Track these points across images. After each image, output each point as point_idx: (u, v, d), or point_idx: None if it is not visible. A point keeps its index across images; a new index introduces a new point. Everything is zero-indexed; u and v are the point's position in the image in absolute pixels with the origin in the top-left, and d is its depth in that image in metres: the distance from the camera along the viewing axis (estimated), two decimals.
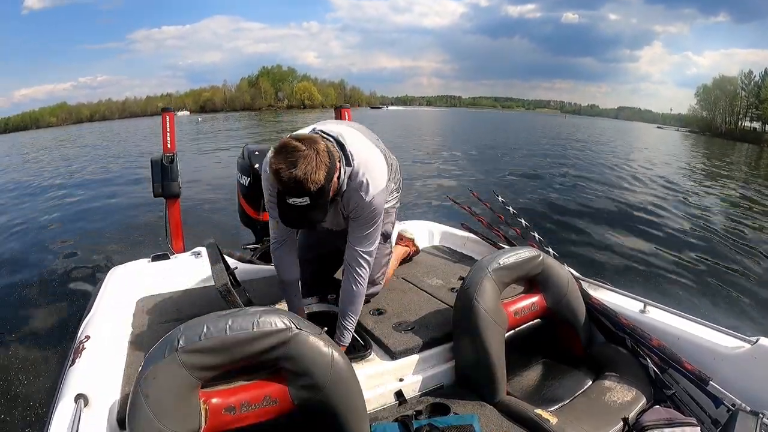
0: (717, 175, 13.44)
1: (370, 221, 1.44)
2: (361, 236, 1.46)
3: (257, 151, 2.52)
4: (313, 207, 1.21)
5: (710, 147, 30.65)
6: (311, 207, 1.21)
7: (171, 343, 0.89)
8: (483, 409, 1.30)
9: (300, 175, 1.15)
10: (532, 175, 10.12)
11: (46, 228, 5.81)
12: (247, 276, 1.93)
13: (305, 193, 1.18)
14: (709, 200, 8.63)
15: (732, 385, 1.26)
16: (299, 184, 1.16)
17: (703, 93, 65.22)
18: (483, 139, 20.70)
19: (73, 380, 1.14)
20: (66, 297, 3.55)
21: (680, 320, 1.49)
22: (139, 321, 1.59)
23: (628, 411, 1.27)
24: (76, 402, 1.02)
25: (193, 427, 0.89)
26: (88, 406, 1.04)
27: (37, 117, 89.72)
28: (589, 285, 1.73)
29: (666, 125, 75.81)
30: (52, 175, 11.05)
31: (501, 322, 1.39)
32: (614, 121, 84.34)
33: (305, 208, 1.20)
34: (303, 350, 0.97)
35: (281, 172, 1.16)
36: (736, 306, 3.68)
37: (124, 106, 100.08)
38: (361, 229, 1.45)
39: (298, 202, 1.19)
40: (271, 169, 1.19)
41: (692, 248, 5.19)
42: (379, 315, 1.64)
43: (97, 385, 1.13)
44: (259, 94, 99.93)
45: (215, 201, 6.64)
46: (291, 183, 1.16)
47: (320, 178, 1.18)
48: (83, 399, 1.03)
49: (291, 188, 1.17)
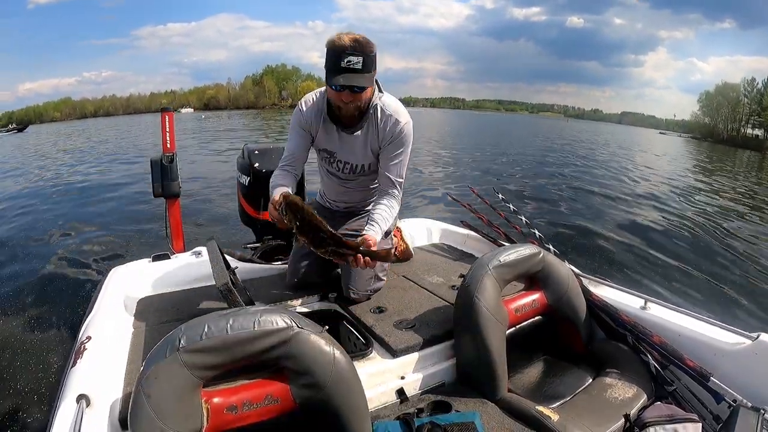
0: (717, 175, 13.43)
1: (403, 144, 1.64)
2: (395, 162, 1.65)
3: (257, 150, 2.52)
4: (363, 71, 1.41)
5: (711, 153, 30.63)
6: (361, 71, 1.41)
7: (172, 343, 0.89)
8: (484, 406, 1.30)
9: (360, 37, 1.41)
10: (532, 175, 10.12)
11: (45, 228, 5.80)
12: (247, 275, 1.93)
13: (361, 53, 1.39)
14: (710, 199, 8.63)
15: (733, 381, 1.26)
16: (358, 42, 1.40)
17: (705, 99, 65.36)
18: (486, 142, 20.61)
19: (75, 381, 1.14)
20: (67, 297, 3.54)
21: (681, 317, 1.49)
22: (140, 321, 1.59)
23: (630, 407, 1.28)
24: (77, 402, 1.02)
25: (195, 427, 0.89)
26: (89, 406, 1.04)
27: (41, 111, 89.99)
28: (589, 282, 1.73)
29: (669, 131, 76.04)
30: (51, 174, 11.05)
31: (502, 320, 1.39)
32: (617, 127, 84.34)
33: (356, 70, 1.40)
34: (304, 349, 0.97)
35: (343, 36, 1.40)
36: (736, 302, 3.68)
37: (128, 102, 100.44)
38: (395, 155, 1.64)
39: (353, 62, 1.39)
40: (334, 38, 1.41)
41: (693, 245, 5.20)
42: (380, 313, 1.65)
43: (99, 385, 1.13)
44: (263, 93, 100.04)
45: (216, 200, 6.64)
46: (352, 41, 1.39)
47: (373, 49, 1.43)
48: (85, 399, 1.03)
49: (351, 46, 1.39)
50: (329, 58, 1.44)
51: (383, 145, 1.64)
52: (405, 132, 1.63)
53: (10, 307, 3.42)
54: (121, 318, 1.59)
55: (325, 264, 1.86)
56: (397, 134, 1.62)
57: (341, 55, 1.39)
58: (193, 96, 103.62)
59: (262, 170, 2.43)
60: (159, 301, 1.75)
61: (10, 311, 3.34)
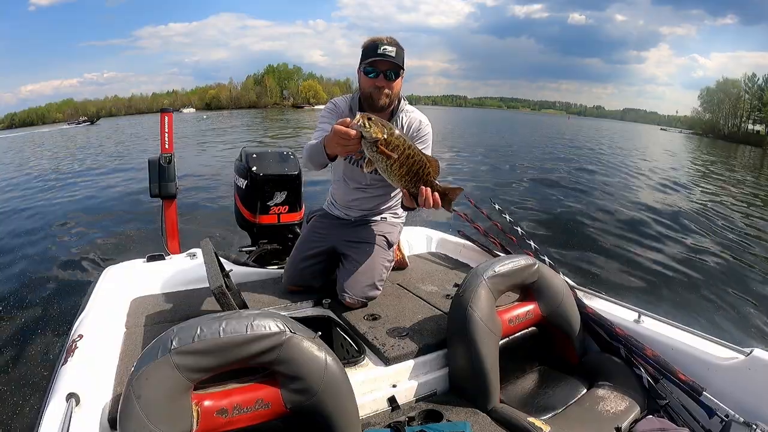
0: (714, 178, 13.51)
1: (426, 142, 1.81)
2: None
3: (255, 153, 2.53)
4: (396, 59, 1.63)
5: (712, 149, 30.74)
6: (395, 59, 1.62)
7: (164, 344, 0.88)
8: (476, 416, 1.29)
9: (393, 38, 1.66)
10: (529, 180, 10.15)
11: (40, 226, 5.78)
12: (242, 279, 1.93)
13: (396, 46, 1.63)
14: (705, 207, 8.67)
15: (725, 396, 1.26)
16: (393, 39, 1.65)
17: (706, 95, 65.78)
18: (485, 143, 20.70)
19: (65, 379, 1.13)
20: (59, 295, 3.53)
21: (675, 330, 1.49)
22: (132, 321, 1.58)
23: (622, 420, 1.27)
24: (67, 401, 1.01)
25: (185, 429, 0.88)
26: (79, 405, 1.03)
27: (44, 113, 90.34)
28: (584, 294, 1.73)
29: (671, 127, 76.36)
30: (49, 172, 11.02)
31: (495, 330, 1.39)
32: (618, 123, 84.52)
33: (391, 57, 1.61)
34: (296, 354, 0.96)
35: (381, 36, 1.65)
36: (730, 317, 3.69)
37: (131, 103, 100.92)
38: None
39: (389, 50, 1.61)
40: (373, 37, 1.67)
41: (687, 258, 5.21)
42: (374, 320, 1.64)
43: (89, 384, 1.12)
44: (264, 92, 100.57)
45: (212, 202, 6.63)
46: (388, 37, 1.65)
47: (403, 49, 1.66)
48: (74, 398, 1.02)
49: (387, 39, 1.64)
50: (366, 50, 1.66)
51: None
52: (428, 131, 1.82)
53: (2, 303, 3.40)
54: (113, 318, 1.58)
55: (323, 263, 1.87)
56: (421, 132, 1.80)
57: (378, 46, 1.61)
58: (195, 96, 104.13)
59: (259, 174, 2.43)
60: (152, 301, 1.74)
61: (2, 307, 3.32)
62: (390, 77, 1.66)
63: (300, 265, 1.85)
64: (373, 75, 1.65)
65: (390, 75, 1.65)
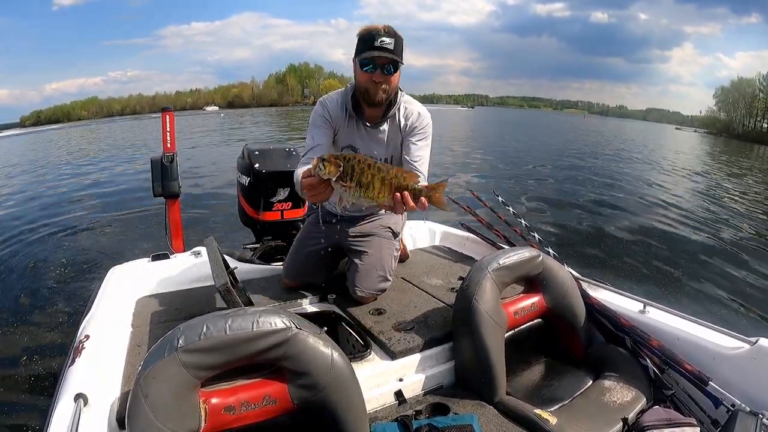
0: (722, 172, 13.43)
1: (425, 135, 1.74)
2: (419, 153, 1.71)
3: (257, 150, 2.53)
4: (394, 52, 1.52)
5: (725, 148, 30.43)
6: (393, 51, 1.51)
7: (171, 343, 0.89)
8: (482, 409, 1.30)
9: (391, 28, 1.53)
10: (533, 176, 10.12)
11: (44, 227, 5.80)
12: (247, 276, 1.93)
13: (393, 36, 1.51)
14: (709, 201, 8.63)
15: (732, 386, 1.26)
16: (390, 28, 1.53)
17: (721, 95, 65.29)
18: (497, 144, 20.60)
19: (73, 380, 1.13)
20: (65, 296, 3.55)
21: (680, 320, 1.49)
22: (138, 320, 1.59)
23: (628, 411, 1.27)
24: (75, 401, 1.02)
25: (193, 427, 0.89)
26: (87, 405, 1.03)
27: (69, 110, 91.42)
28: (588, 285, 1.73)
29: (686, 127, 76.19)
30: (52, 173, 11.05)
31: (501, 322, 1.39)
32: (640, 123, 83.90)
33: (389, 50, 1.51)
34: (303, 350, 0.97)
35: (378, 26, 1.53)
36: (736, 306, 3.68)
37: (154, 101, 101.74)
38: (419, 142, 1.72)
39: (386, 42, 1.49)
40: (366, 26, 1.55)
41: (693, 248, 5.20)
42: (379, 315, 1.64)
43: (97, 384, 1.13)
44: (286, 91, 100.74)
45: (216, 200, 6.64)
46: (385, 26, 1.52)
47: (402, 38, 1.55)
48: (83, 398, 1.03)
49: (384, 29, 1.51)
50: (361, 41, 1.54)
51: (407, 136, 1.71)
52: (427, 123, 1.74)
53: (9, 306, 3.42)
54: (119, 317, 1.59)
55: (326, 260, 1.86)
56: (420, 125, 1.72)
57: (375, 37, 1.49)
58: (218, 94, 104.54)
59: (262, 171, 2.43)
60: (158, 300, 1.75)
61: (8, 310, 3.34)
62: (388, 71, 1.55)
63: (301, 261, 1.84)
64: (370, 69, 1.55)
65: (388, 69, 1.55)
